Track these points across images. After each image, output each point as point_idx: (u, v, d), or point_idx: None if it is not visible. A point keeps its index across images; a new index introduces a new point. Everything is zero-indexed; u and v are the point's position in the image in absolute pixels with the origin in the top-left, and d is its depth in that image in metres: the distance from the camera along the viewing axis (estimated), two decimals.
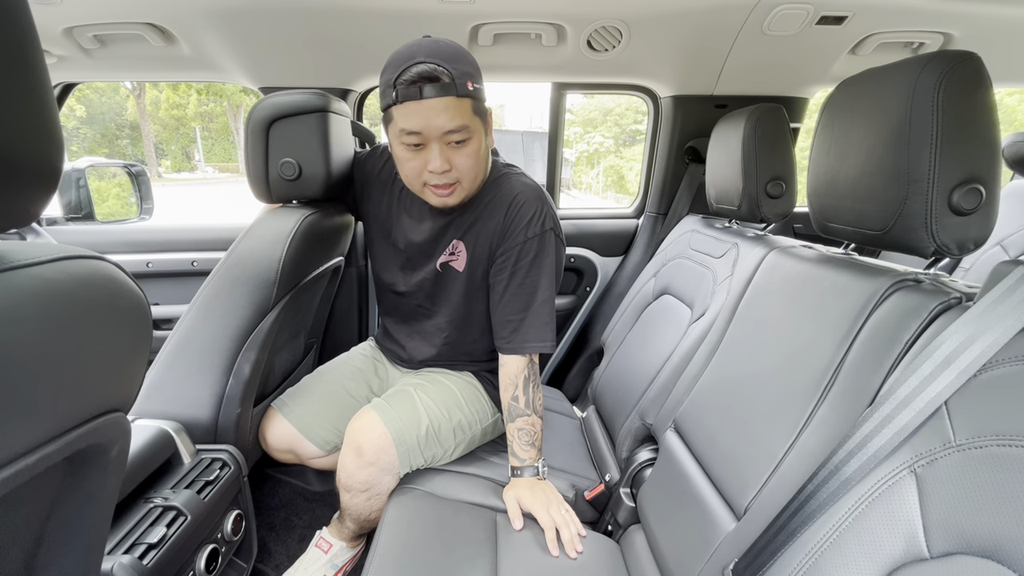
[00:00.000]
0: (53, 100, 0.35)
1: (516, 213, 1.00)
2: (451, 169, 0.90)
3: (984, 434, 0.46)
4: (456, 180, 0.93)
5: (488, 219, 1.03)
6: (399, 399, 1.07)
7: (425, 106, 0.83)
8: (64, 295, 0.37)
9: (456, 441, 1.09)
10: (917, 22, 1.36)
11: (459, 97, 0.84)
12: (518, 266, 1.01)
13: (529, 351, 1.01)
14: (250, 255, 1.00)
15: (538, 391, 1.04)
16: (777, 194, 1.12)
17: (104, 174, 1.87)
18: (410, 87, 0.82)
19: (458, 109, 0.85)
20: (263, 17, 1.27)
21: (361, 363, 1.27)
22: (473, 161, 0.91)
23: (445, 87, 0.82)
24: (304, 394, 1.18)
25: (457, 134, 0.87)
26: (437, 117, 0.84)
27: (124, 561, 0.67)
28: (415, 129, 0.85)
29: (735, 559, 0.66)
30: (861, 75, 0.74)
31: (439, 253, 1.08)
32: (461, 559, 0.85)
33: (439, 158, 0.87)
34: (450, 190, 0.94)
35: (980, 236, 0.63)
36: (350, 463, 1.00)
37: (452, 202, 0.96)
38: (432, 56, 0.82)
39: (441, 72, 0.82)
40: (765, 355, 0.83)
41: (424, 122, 0.84)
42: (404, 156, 0.91)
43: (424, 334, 1.18)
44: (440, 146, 0.87)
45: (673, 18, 1.32)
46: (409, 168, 0.92)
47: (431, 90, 0.82)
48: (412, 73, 0.82)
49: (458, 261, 1.07)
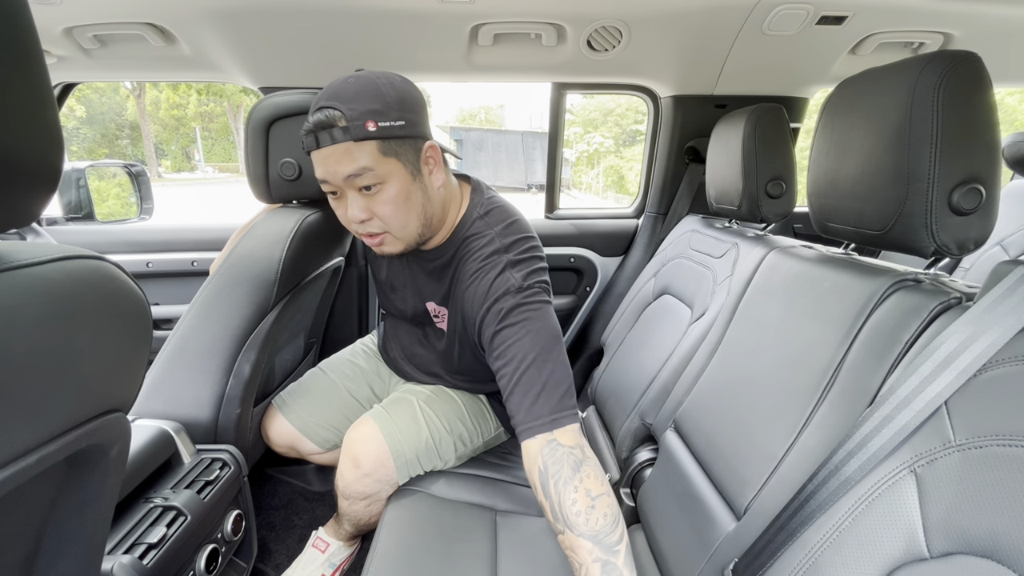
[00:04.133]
0: (53, 100, 0.35)
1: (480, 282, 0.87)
2: (372, 218, 0.83)
3: (984, 434, 0.46)
4: (383, 230, 0.85)
5: (463, 285, 0.91)
6: (400, 408, 1.05)
7: (323, 155, 0.78)
8: (64, 295, 0.37)
9: (457, 454, 1.08)
10: (917, 22, 1.35)
11: (357, 141, 0.76)
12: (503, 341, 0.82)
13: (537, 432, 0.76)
14: (250, 255, 1.00)
15: (570, 487, 0.71)
16: (777, 194, 1.12)
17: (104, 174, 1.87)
18: (307, 136, 0.78)
19: (358, 153, 0.77)
20: (263, 17, 1.27)
21: (364, 361, 1.26)
22: (392, 208, 0.82)
23: (338, 133, 0.76)
24: (305, 393, 1.18)
25: (361, 178, 0.79)
26: (337, 163, 0.78)
27: (124, 561, 0.67)
28: (322, 178, 0.81)
29: (735, 559, 0.66)
30: (861, 75, 0.74)
31: (424, 306, 1.05)
32: (461, 559, 0.85)
33: (352, 207, 0.82)
34: (379, 239, 0.86)
35: (980, 236, 0.63)
36: (348, 474, 1.00)
37: (388, 251, 0.89)
38: (332, 99, 0.77)
39: (335, 116, 0.76)
40: (765, 355, 0.83)
41: (325, 170, 0.79)
42: (332, 205, 0.87)
43: (421, 359, 1.16)
44: (353, 194, 0.81)
45: (673, 18, 1.32)
46: (339, 217, 0.86)
47: (325, 137, 0.77)
48: (310, 123, 0.78)
49: (442, 323, 1.04)
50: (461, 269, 0.92)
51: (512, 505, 1.02)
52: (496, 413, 1.16)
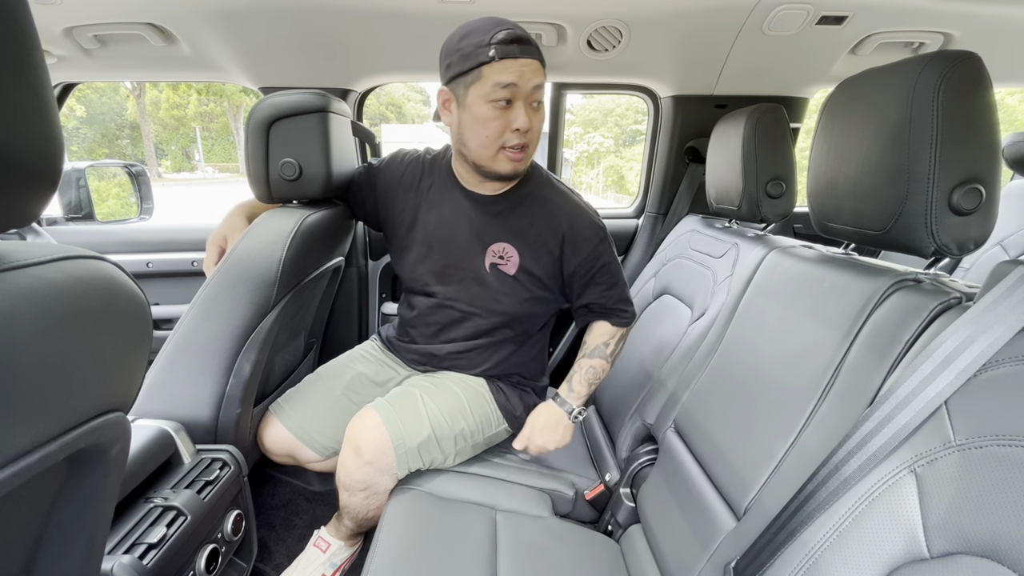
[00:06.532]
0: (53, 100, 0.35)
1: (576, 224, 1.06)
2: (529, 131, 0.95)
3: (984, 434, 0.46)
4: (528, 143, 0.97)
5: (539, 223, 1.05)
6: (402, 401, 1.06)
7: (520, 63, 0.89)
8: (64, 295, 0.37)
9: (457, 448, 1.08)
10: (917, 22, 1.36)
11: (540, 64, 0.93)
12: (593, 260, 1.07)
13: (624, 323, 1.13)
14: (250, 255, 1.00)
15: (620, 348, 1.15)
16: (777, 194, 1.12)
17: (104, 174, 1.87)
18: (509, 45, 0.88)
19: (542, 73, 0.93)
20: (263, 17, 1.27)
21: (363, 367, 1.24)
22: (540, 128, 0.99)
23: (534, 51, 0.91)
24: (303, 400, 1.17)
25: (538, 93, 0.94)
26: (532, 74, 0.91)
27: (124, 561, 0.67)
28: (512, 81, 0.89)
29: (735, 558, 0.66)
30: (861, 75, 0.74)
31: (484, 253, 1.07)
32: (460, 558, 0.85)
33: (524, 115, 0.92)
34: (523, 153, 0.98)
35: (980, 236, 0.63)
36: (349, 462, 1.00)
37: (521, 167, 0.99)
38: (517, 28, 0.91)
39: (530, 39, 0.91)
40: (765, 355, 0.83)
41: (520, 76, 0.90)
42: (489, 115, 0.92)
43: (453, 337, 1.15)
44: (524, 106, 0.93)
45: (673, 18, 1.32)
46: (493, 127, 0.94)
47: (527, 51, 0.90)
48: (507, 34, 0.88)
49: (508, 265, 1.06)
50: (542, 208, 1.06)
51: (512, 504, 1.02)
52: (500, 405, 1.16)
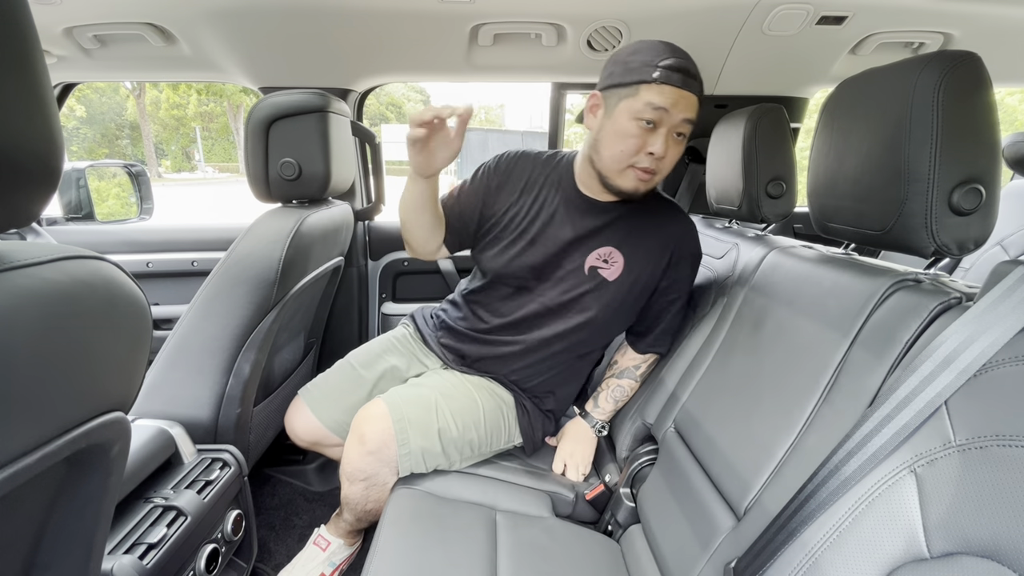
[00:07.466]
0: (53, 100, 0.35)
1: (684, 242, 1.08)
2: (663, 158, 0.96)
3: (984, 434, 0.46)
4: (657, 171, 0.97)
5: (650, 234, 1.06)
6: (417, 401, 1.04)
7: (678, 93, 0.91)
8: (64, 295, 0.37)
9: (462, 457, 1.07)
10: (917, 22, 1.35)
11: (698, 101, 0.93)
12: (683, 282, 1.11)
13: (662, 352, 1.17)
14: (250, 255, 1.00)
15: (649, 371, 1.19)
16: (777, 194, 1.12)
17: (104, 174, 1.87)
18: (673, 73, 0.90)
19: (695, 108, 0.94)
20: (263, 17, 1.27)
21: (396, 359, 1.22)
22: (676, 158, 0.99)
23: (697, 87, 0.93)
24: (335, 390, 1.16)
25: (685, 127, 0.94)
26: (685, 106, 0.92)
27: (124, 561, 0.67)
28: (664, 106, 0.90)
29: (735, 558, 0.66)
30: (861, 75, 0.74)
31: (586, 255, 1.05)
32: (460, 558, 0.85)
33: (662, 142, 0.93)
34: (650, 176, 0.98)
35: (980, 236, 0.63)
36: (352, 450, 1.00)
37: (643, 188, 1.00)
38: (687, 60, 0.92)
39: (696, 74, 0.93)
40: (765, 355, 0.83)
41: (674, 105, 0.91)
42: (631, 131, 0.94)
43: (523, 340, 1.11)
44: (668, 134, 0.94)
45: (673, 18, 1.32)
46: (629, 144, 0.95)
47: (689, 83, 0.91)
48: (675, 62, 0.90)
49: (609, 270, 1.05)
50: (655, 219, 1.08)
51: (512, 505, 1.02)
52: (521, 428, 1.14)
